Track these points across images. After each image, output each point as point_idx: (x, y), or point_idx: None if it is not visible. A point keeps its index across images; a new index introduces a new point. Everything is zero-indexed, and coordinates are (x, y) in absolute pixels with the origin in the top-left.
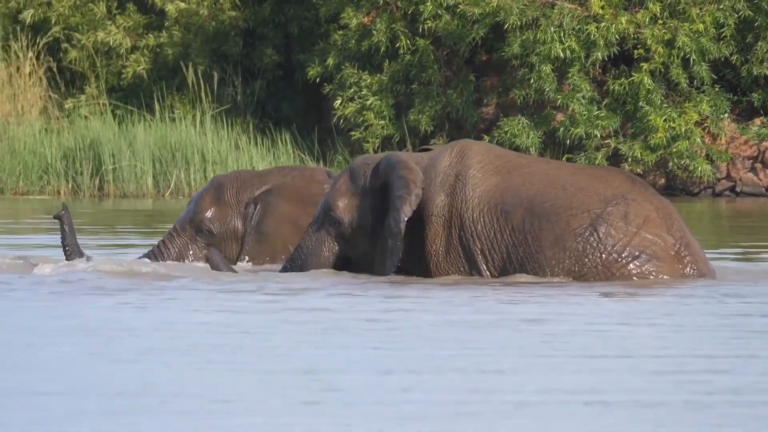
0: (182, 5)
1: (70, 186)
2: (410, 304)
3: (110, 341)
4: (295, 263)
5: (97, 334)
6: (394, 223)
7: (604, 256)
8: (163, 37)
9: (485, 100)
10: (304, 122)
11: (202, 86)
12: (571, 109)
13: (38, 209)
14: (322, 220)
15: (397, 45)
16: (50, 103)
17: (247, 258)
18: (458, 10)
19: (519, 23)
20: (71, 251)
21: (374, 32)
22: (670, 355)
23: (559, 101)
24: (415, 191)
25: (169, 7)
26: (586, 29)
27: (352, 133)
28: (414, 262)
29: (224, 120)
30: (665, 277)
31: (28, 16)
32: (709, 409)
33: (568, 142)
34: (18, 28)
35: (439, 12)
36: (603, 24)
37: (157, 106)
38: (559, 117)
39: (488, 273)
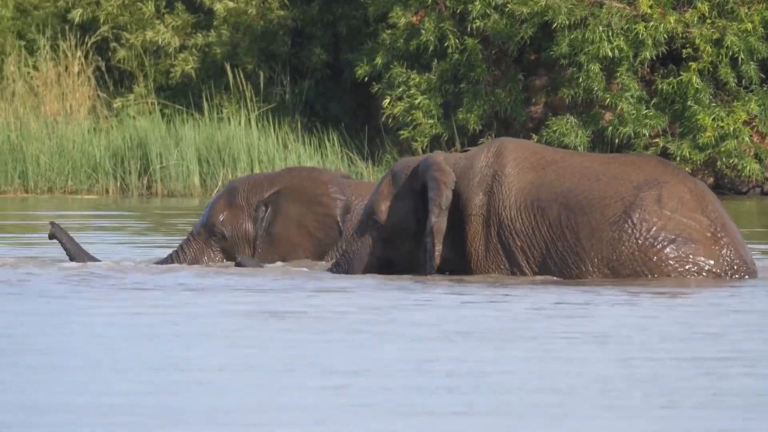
0: (231, 4)
1: (118, 185)
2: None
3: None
4: (341, 268)
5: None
6: (427, 225)
7: (640, 242)
8: (211, 37)
9: (533, 100)
10: (353, 121)
11: (250, 85)
12: (619, 108)
13: (87, 208)
14: (365, 224)
15: (446, 44)
16: (99, 103)
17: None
18: (507, 9)
19: (567, 22)
20: (81, 259)
21: (423, 31)
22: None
23: (608, 100)
24: (445, 192)
25: (218, 7)
26: (635, 28)
27: (401, 132)
28: (457, 262)
29: (272, 119)
30: (702, 259)
31: (76, 15)
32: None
33: (616, 141)
34: (66, 27)
35: (488, 11)
36: (651, 23)
37: (205, 105)
38: (608, 116)
39: (528, 269)
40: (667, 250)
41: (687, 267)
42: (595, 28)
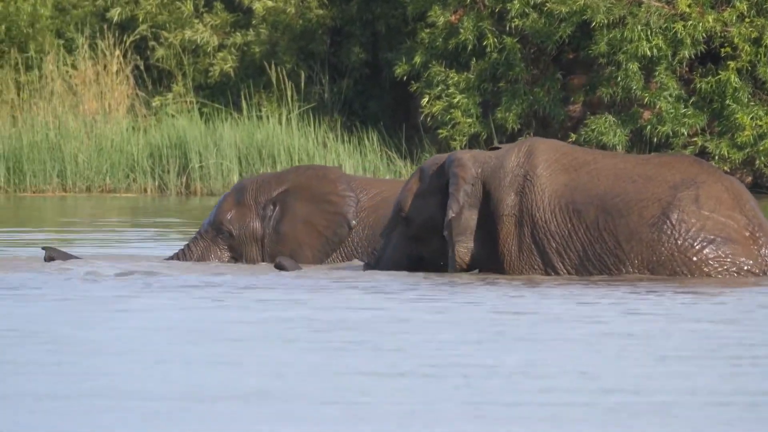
0: (269, 3)
1: (156, 184)
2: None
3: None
4: (371, 266)
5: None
6: (445, 220)
7: (679, 242)
8: (250, 36)
9: (572, 98)
10: (392, 120)
11: (289, 84)
12: (658, 107)
13: (125, 207)
14: (394, 222)
15: (484, 43)
16: (137, 101)
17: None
18: (545, 8)
19: (606, 21)
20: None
21: (461, 30)
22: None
23: (646, 99)
24: (464, 187)
25: (257, 6)
26: (673, 27)
27: (440, 131)
28: (489, 263)
29: (311, 118)
30: (742, 259)
31: (115, 14)
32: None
33: (654, 140)
34: (105, 26)
35: (526, 10)
36: (690, 22)
37: (244, 104)
38: (646, 115)
39: (564, 270)
40: (707, 250)
41: (726, 267)
42: (633, 27)
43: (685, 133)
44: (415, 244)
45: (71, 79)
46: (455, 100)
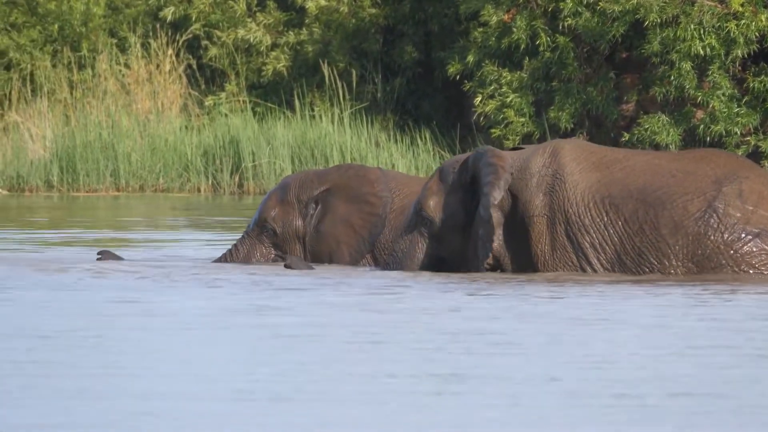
0: (322, 2)
1: (209, 183)
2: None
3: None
4: (390, 267)
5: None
6: (483, 210)
7: (725, 236)
8: (303, 35)
9: (625, 98)
10: (444, 120)
11: (342, 83)
12: (711, 106)
13: (178, 206)
14: (414, 221)
15: (537, 42)
16: (190, 101)
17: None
18: (598, 7)
19: (659, 20)
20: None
21: (514, 29)
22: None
23: (699, 98)
24: (504, 176)
25: (310, 5)
26: (726, 27)
27: (493, 130)
28: (521, 265)
29: (364, 117)
30: None
31: (168, 13)
32: None
33: (708, 139)
34: (158, 25)
35: (579, 9)
36: (743, 21)
37: (296, 103)
38: (699, 114)
39: (599, 266)
40: (752, 244)
41: None
42: (686, 26)
43: (738, 133)
44: (436, 243)
45: (124, 78)
46: (508, 99)
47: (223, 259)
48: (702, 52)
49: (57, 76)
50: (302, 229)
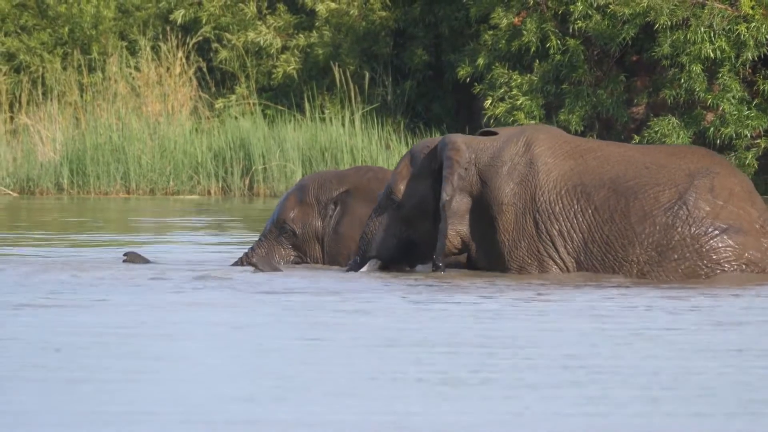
0: (333, 5)
1: (220, 186)
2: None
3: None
4: (360, 250)
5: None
6: (440, 203)
7: (693, 229)
8: (313, 37)
9: (635, 100)
10: (455, 122)
11: (352, 86)
12: (721, 109)
13: (188, 209)
14: (384, 205)
15: (548, 45)
16: (200, 103)
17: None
18: (608, 10)
19: (669, 23)
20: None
21: (524, 32)
22: None
23: (710, 101)
24: (458, 171)
25: (320, 7)
26: (737, 29)
27: None
28: (486, 252)
29: (374, 120)
30: (752, 251)
31: (178, 16)
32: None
33: (718, 142)
34: (168, 28)
35: (590, 12)
36: (753, 24)
37: (307, 106)
38: (710, 117)
39: (566, 253)
40: (718, 238)
41: (735, 258)
42: (696, 29)
43: (749, 135)
44: (406, 227)
45: (134, 81)
46: (518, 102)
47: (240, 262)
48: (712, 55)
49: (67, 78)
50: (322, 230)
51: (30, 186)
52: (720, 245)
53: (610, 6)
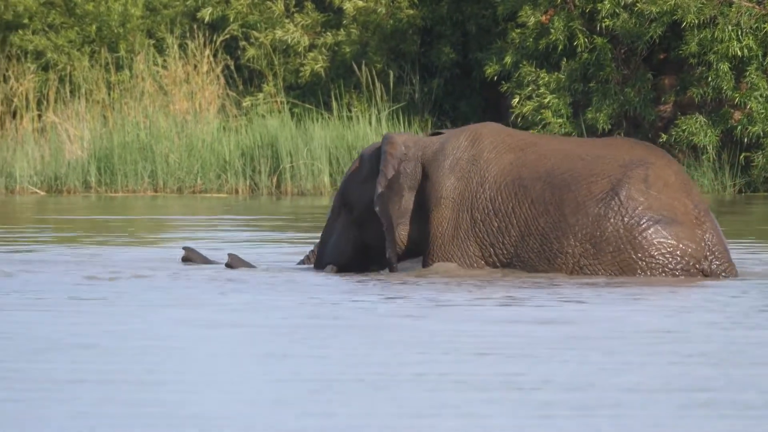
0: (360, 3)
1: (247, 184)
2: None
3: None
4: (317, 255)
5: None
6: (374, 196)
7: (626, 219)
8: (341, 36)
9: (663, 99)
10: (482, 120)
11: (379, 84)
12: (748, 107)
13: (216, 207)
14: (338, 209)
15: (575, 43)
16: (228, 101)
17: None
18: (636, 8)
19: (697, 21)
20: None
21: (552, 30)
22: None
23: (737, 99)
24: (392, 163)
25: (347, 6)
26: (764, 27)
27: (530, 131)
28: (423, 245)
29: (401, 118)
30: (686, 241)
31: (206, 14)
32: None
33: (745, 140)
34: (196, 26)
35: (617, 10)
36: None
37: (334, 104)
38: (737, 115)
39: (503, 250)
40: (652, 230)
41: (670, 249)
42: (724, 27)
43: None
44: (358, 230)
45: (162, 79)
46: (546, 101)
47: (306, 261)
48: (739, 53)
49: (95, 76)
50: None
51: (57, 184)
52: (654, 236)
53: (638, 4)
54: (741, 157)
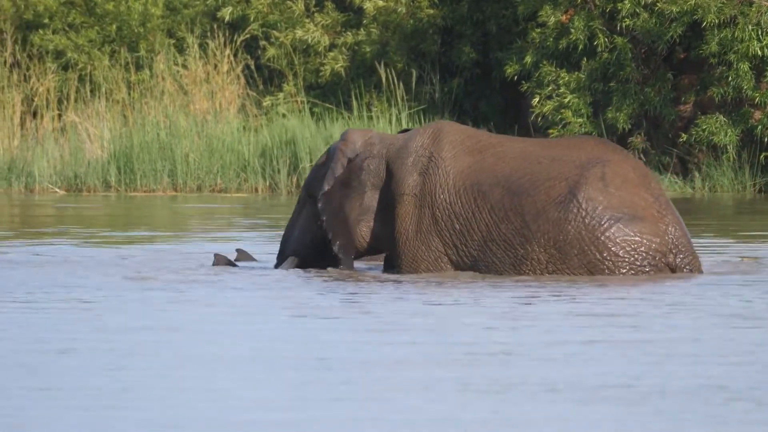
0: (380, 3)
1: (267, 183)
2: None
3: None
4: (281, 246)
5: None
6: (318, 196)
7: (587, 221)
8: (361, 35)
9: (683, 98)
10: (502, 120)
11: (399, 84)
12: None
13: (235, 207)
14: (302, 201)
15: (595, 43)
16: (248, 101)
17: None
18: (656, 8)
19: (717, 21)
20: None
21: (572, 30)
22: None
23: (757, 99)
24: (341, 161)
25: (368, 5)
26: None
27: (550, 131)
28: (385, 241)
29: (422, 118)
30: (649, 236)
31: (226, 13)
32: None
33: (765, 140)
34: (216, 26)
35: (637, 10)
36: None
37: (354, 104)
38: (757, 115)
39: (466, 251)
40: (614, 228)
41: (634, 246)
42: (744, 26)
43: None
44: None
45: (182, 78)
46: (566, 100)
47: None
48: (760, 53)
49: (115, 76)
50: None
51: (77, 184)
52: (617, 235)
53: (658, 4)
54: (761, 156)
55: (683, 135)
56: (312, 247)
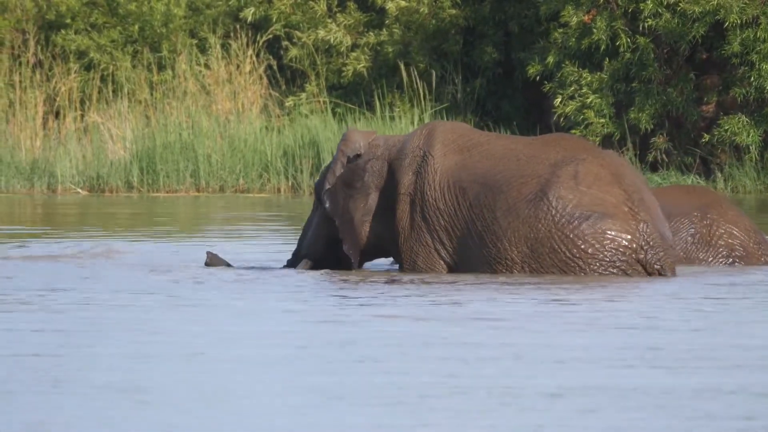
0: (403, 3)
1: (289, 184)
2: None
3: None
4: (296, 248)
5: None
6: (321, 197)
7: (556, 219)
8: (383, 35)
9: (705, 99)
10: (524, 120)
11: (422, 84)
12: None
13: (258, 207)
14: (316, 204)
15: (618, 43)
16: (270, 101)
17: None
18: (678, 8)
19: (739, 21)
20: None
21: (594, 30)
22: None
23: None
24: (341, 160)
25: (390, 6)
26: None
27: (573, 131)
28: (388, 240)
29: (444, 118)
30: (620, 234)
31: (249, 14)
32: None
33: None
34: (238, 26)
35: (660, 10)
36: None
37: (377, 104)
38: None
39: (451, 248)
40: (584, 226)
41: (604, 243)
42: (766, 26)
43: None
44: (330, 225)
45: (204, 79)
46: (588, 101)
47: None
48: None
49: (137, 76)
50: None
51: (100, 184)
52: (586, 232)
53: (680, 4)
54: None
55: (705, 135)
56: (324, 248)
